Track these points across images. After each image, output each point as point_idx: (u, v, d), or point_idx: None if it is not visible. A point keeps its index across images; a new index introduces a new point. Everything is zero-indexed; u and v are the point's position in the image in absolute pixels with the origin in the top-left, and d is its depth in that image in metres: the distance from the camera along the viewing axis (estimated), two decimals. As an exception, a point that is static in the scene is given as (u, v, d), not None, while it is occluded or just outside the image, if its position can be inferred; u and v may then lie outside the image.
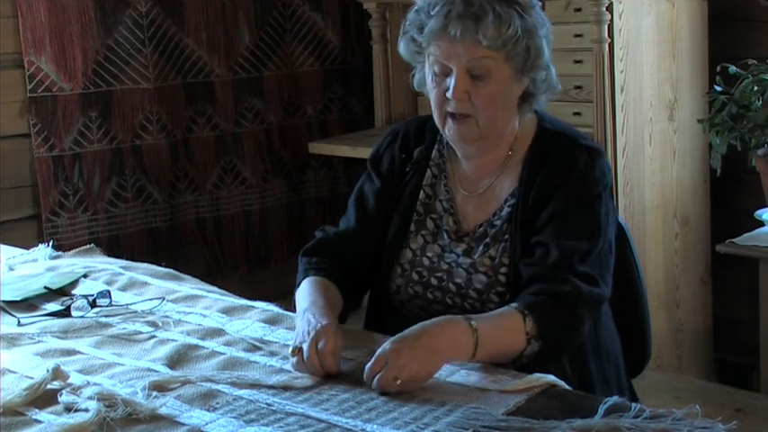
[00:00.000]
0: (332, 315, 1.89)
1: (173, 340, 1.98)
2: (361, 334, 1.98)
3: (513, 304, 1.84)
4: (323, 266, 2.06)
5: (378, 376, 1.69)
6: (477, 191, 2.04)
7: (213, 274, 3.88)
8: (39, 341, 2.03)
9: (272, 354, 1.89)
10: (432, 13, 1.91)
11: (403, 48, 2.01)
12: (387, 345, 1.72)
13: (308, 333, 1.80)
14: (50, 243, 2.69)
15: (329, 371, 1.76)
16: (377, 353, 1.72)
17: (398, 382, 1.68)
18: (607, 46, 3.16)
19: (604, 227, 1.94)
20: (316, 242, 2.13)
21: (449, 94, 1.92)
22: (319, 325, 1.81)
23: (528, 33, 1.91)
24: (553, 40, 2.01)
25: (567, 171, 1.94)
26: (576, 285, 1.85)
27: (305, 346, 1.78)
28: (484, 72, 1.90)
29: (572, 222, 1.91)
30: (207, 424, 1.61)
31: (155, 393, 1.71)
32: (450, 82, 1.91)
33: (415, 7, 1.97)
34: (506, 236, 1.97)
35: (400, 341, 1.72)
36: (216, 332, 2.01)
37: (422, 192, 2.08)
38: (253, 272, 4.10)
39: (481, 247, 1.99)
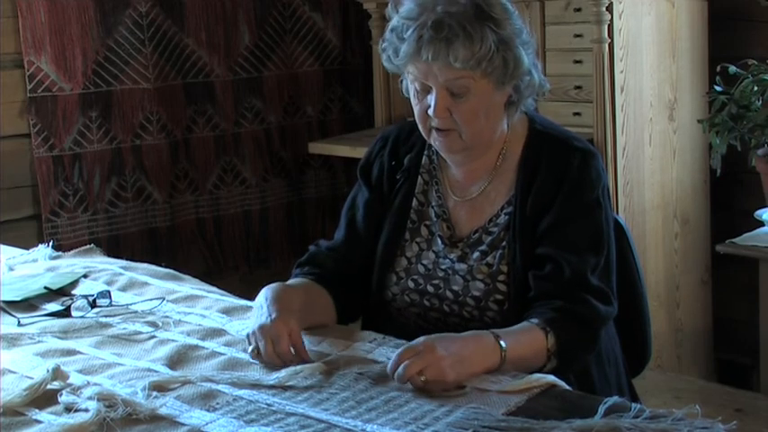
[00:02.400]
0: (288, 308, 1.88)
1: (173, 340, 1.98)
2: (355, 332, 1.98)
3: (534, 320, 1.84)
4: (312, 272, 2.07)
5: (405, 364, 1.67)
6: (469, 196, 2.04)
7: (213, 274, 3.89)
8: (39, 341, 2.03)
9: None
10: (404, 37, 1.90)
11: (385, 63, 2.00)
12: (420, 339, 1.71)
13: (262, 330, 1.82)
14: (50, 243, 2.69)
15: (293, 363, 1.78)
16: (408, 344, 1.71)
17: (423, 378, 1.66)
18: (607, 46, 3.16)
19: (607, 233, 1.95)
20: (308, 256, 2.13)
21: (430, 112, 1.91)
22: (269, 320, 1.83)
23: (504, 46, 1.89)
24: (536, 42, 2.00)
25: (563, 176, 1.94)
26: (594, 306, 1.88)
27: (262, 349, 1.81)
28: (463, 90, 1.89)
29: (576, 232, 1.92)
30: (207, 424, 1.61)
31: (155, 393, 1.71)
32: (431, 100, 1.91)
33: (391, 25, 1.96)
34: (504, 243, 1.97)
35: (434, 341, 1.71)
36: (216, 332, 2.01)
37: (414, 199, 2.07)
38: (253, 272, 4.10)
39: (477, 254, 1.98)
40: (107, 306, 2.19)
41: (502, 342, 1.75)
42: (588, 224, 1.93)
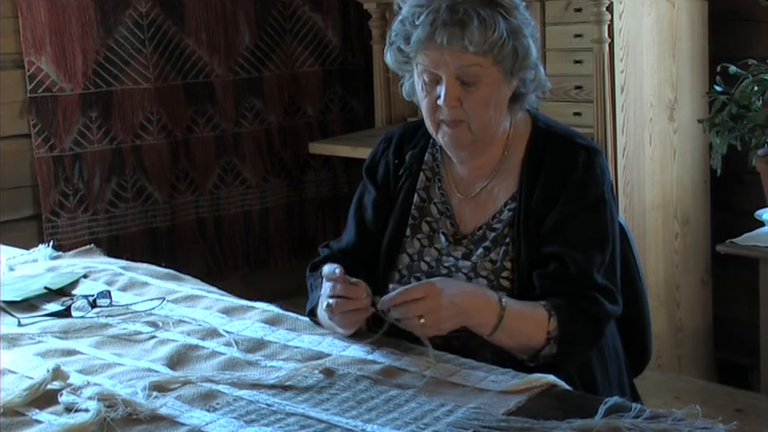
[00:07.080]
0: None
1: (173, 340, 1.98)
2: (356, 332, 1.97)
3: (541, 302, 1.87)
4: None
5: (408, 305, 1.76)
6: (473, 193, 2.04)
7: (213, 274, 3.89)
8: (39, 341, 2.03)
9: (273, 354, 1.89)
10: (417, 23, 1.90)
11: (390, 58, 2.01)
12: (434, 280, 1.81)
13: (327, 288, 1.86)
14: (50, 243, 2.69)
15: (361, 306, 1.84)
16: (416, 284, 1.81)
17: (422, 321, 1.75)
18: (607, 46, 3.16)
19: (612, 230, 1.96)
20: (322, 258, 2.11)
21: (440, 102, 1.91)
22: (329, 278, 1.86)
23: (514, 35, 1.91)
24: (539, 39, 2.03)
25: (569, 174, 1.94)
26: (601, 303, 1.89)
27: (331, 301, 1.84)
28: (473, 78, 1.90)
29: (581, 229, 1.92)
30: (207, 424, 1.61)
31: (155, 393, 1.71)
32: (441, 90, 1.91)
33: (399, 17, 1.96)
34: (507, 239, 1.97)
35: (441, 287, 1.78)
36: (216, 332, 2.01)
37: (416, 195, 2.07)
38: (253, 272, 4.10)
39: (480, 251, 1.98)
40: (107, 306, 2.19)
41: (503, 300, 1.83)
42: (593, 221, 1.94)
